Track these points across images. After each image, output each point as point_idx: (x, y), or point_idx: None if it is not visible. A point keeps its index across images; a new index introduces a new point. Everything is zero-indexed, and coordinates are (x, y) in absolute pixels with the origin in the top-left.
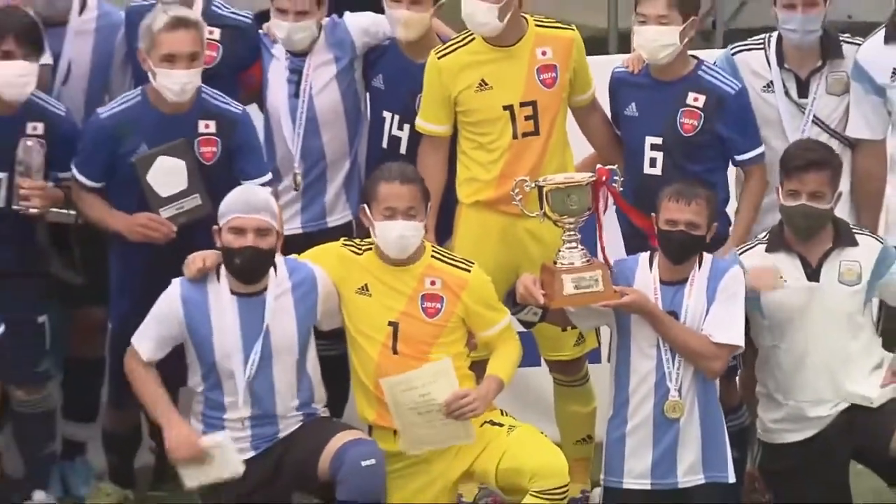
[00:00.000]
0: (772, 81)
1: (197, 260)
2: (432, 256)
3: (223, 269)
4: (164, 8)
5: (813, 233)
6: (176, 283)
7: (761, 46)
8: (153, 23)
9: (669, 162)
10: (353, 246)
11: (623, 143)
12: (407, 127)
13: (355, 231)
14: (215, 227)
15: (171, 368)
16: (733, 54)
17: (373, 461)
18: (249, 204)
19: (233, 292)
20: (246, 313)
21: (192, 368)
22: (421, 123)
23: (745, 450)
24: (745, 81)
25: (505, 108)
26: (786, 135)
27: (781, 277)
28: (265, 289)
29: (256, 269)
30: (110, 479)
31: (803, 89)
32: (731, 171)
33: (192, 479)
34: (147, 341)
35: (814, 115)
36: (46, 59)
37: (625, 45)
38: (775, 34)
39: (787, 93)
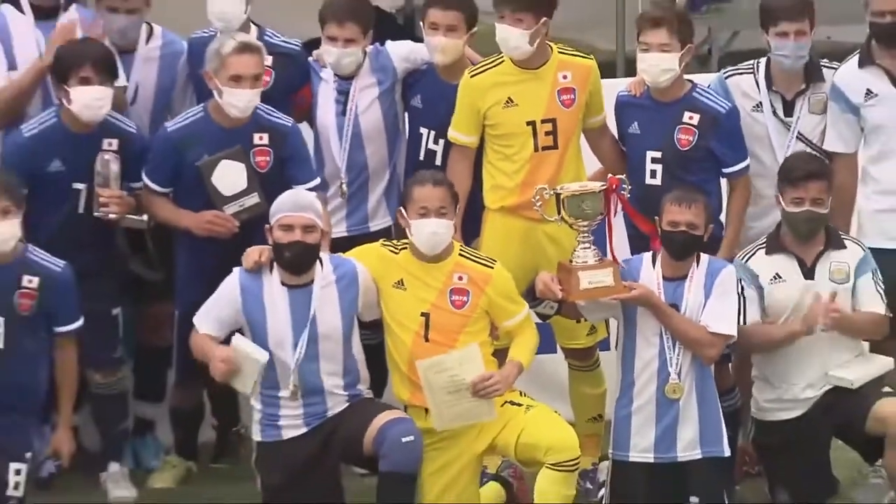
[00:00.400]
0: (761, 102)
1: (253, 253)
2: (460, 255)
3: (275, 263)
4: (233, 34)
5: (813, 234)
6: (236, 271)
7: (751, 71)
8: (222, 47)
9: (668, 174)
10: (390, 246)
11: (627, 157)
12: (442, 142)
13: (394, 234)
14: (267, 225)
15: None
16: (726, 77)
17: (412, 437)
18: (296, 204)
19: (283, 283)
20: (295, 302)
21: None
22: (452, 134)
23: (737, 428)
24: (736, 102)
25: (528, 123)
26: (773, 149)
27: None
28: (312, 281)
29: (303, 262)
30: (176, 453)
31: (789, 109)
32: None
33: (244, 386)
34: (207, 321)
35: (798, 132)
36: (122, 81)
37: (631, 68)
38: (763, 60)
39: (774, 112)
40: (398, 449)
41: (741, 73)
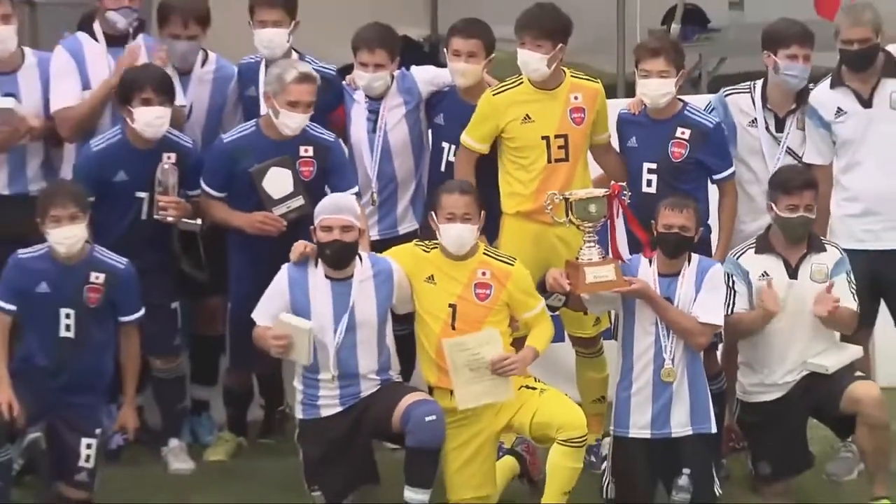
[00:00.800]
0: (756, 118)
1: (300, 246)
2: (484, 253)
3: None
4: (293, 63)
5: (804, 238)
6: (284, 268)
7: (748, 91)
8: (285, 73)
9: (662, 182)
10: (422, 246)
11: (626, 167)
12: None
13: (420, 236)
14: (312, 227)
15: None
16: (726, 96)
17: (434, 417)
18: (336, 207)
19: (327, 276)
20: (336, 294)
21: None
22: (465, 139)
23: (724, 408)
24: (734, 117)
25: (543, 138)
26: (765, 160)
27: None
28: (352, 275)
29: (342, 258)
30: (228, 429)
31: (780, 125)
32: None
33: (300, 356)
34: (264, 316)
35: (787, 146)
36: (180, 101)
37: (630, 89)
38: (759, 81)
39: (767, 128)
40: (422, 427)
41: (739, 93)
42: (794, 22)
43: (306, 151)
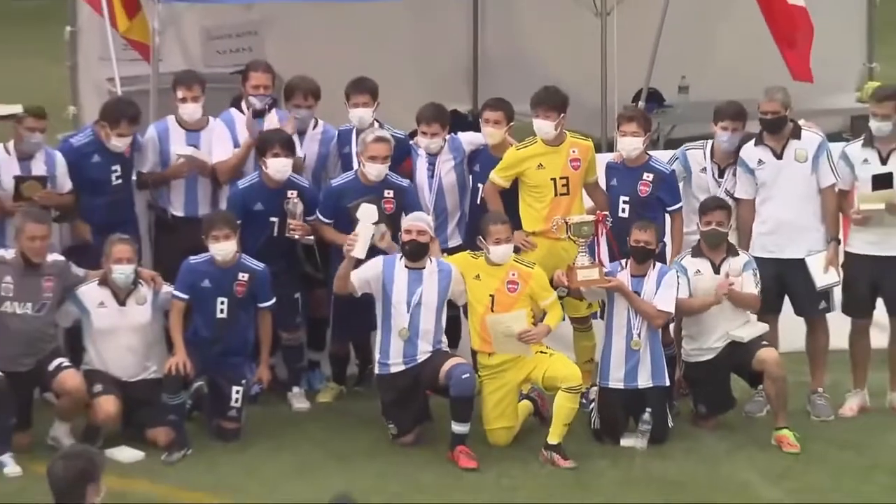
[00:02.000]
0: (706, 167)
1: (388, 243)
2: (514, 261)
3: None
4: (374, 129)
5: (719, 245)
6: (381, 258)
7: (701, 148)
8: (367, 137)
9: (632, 211)
10: (472, 254)
11: (608, 200)
12: None
13: (463, 248)
14: (399, 233)
15: (365, 319)
16: (686, 150)
17: (468, 374)
18: (415, 217)
19: (406, 266)
20: (412, 278)
21: (378, 306)
22: (494, 177)
23: (674, 367)
24: (690, 165)
25: (551, 179)
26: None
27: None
28: (424, 268)
29: (417, 253)
30: (333, 380)
31: (721, 173)
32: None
33: (359, 250)
34: (357, 277)
35: (725, 189)
36: (300, 153)
37: (610, 146)
38: (710, 142)
39: (713, 175)
40: (459, 382)
41: (695, 149)
42: (732, 103)
43: (388, 193)
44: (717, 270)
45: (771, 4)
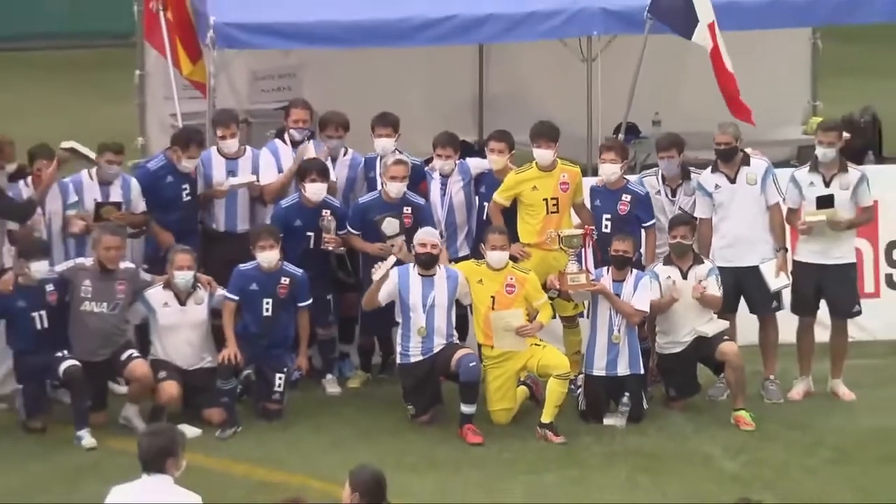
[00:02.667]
0: (659, 190)
1: (404, 254)
2: (511, 267)
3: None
4: (394, 155)
5: (684, 255)
6: (396, 268)
7: (655, 174)
8: (387, 160)
9: (614, 227)
10: (476, 262)
11: (593, 217)
12: None
13: (471, 257)
14: (412, 245)
15: (388, 317)
16: (642, 177)
17: (474, 363)
18: (428, 233)
19: (419, 274)
20: (425, 285)
21: (398, 310)
22: (496, 197)
23: (648, 357)
24: (648, 189)
25: (544, 199)
26: (665, 214)
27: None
28: (434, 274)
29: (429, 263)
30: (360, 369)
31: (674, 194)
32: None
33: (377, 274)
34: (382, 295)
35: (679, 206)
36: (333, 178)
37: (594, 172)
38: (660, 168)
39: (666, 195)
40: (468, 370)
41: (650, 176)
42: (666, 136)
43: (407, 210)
44: (685, 276)
45: (719, 66)
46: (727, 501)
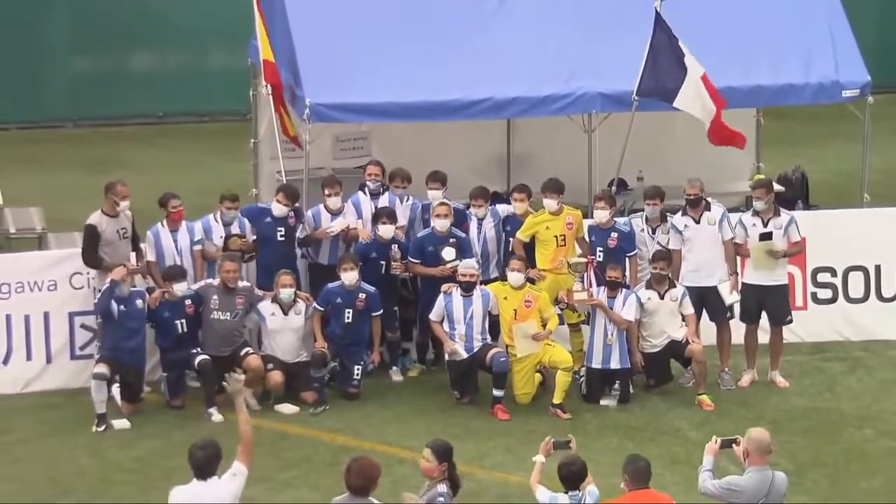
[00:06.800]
0: (644, 228)
1: (445, 286)
2: (528, 286)
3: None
4: (440, 199)
5: (662, 281)
6: (442, 294)
7: (640, 216)
8: (435, 203)
9: (606, 256)
10: (503, 283)
11: (590, 249)
12: None
13: (500, 279)
14: (455, 272)
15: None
16: (631, 219)
17: (504, 359)
18: (468, 264)
19: (461, 295)
20: (465, 303)
21: (445, 323)
22: (519, 235)
23: (634, 355)
24: (634, 228)
25: (554, 235)
26: (647, 248)
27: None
28: (472, 295)
29: (469, 287)
30: (418, 362)
31: (654, 231)
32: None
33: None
34: (434, 314)
35: (658, 242)
36: (401, 221)
37: (590, 214)
38: (644, 212)
39: (648, 233)
40: (499, 363)
41: (636, 217)
42: (654, 187)
43: (453, 242)
44: (661, 297)
45: (718, 124)
46: (693, 461)
